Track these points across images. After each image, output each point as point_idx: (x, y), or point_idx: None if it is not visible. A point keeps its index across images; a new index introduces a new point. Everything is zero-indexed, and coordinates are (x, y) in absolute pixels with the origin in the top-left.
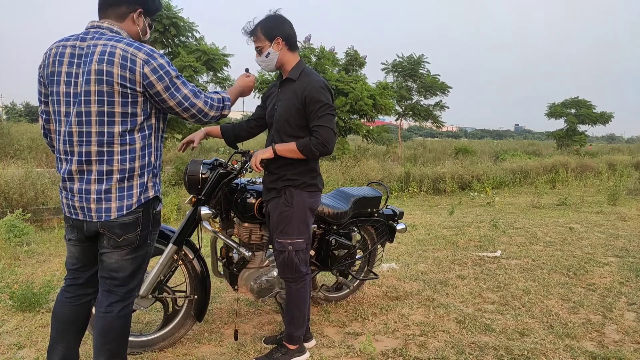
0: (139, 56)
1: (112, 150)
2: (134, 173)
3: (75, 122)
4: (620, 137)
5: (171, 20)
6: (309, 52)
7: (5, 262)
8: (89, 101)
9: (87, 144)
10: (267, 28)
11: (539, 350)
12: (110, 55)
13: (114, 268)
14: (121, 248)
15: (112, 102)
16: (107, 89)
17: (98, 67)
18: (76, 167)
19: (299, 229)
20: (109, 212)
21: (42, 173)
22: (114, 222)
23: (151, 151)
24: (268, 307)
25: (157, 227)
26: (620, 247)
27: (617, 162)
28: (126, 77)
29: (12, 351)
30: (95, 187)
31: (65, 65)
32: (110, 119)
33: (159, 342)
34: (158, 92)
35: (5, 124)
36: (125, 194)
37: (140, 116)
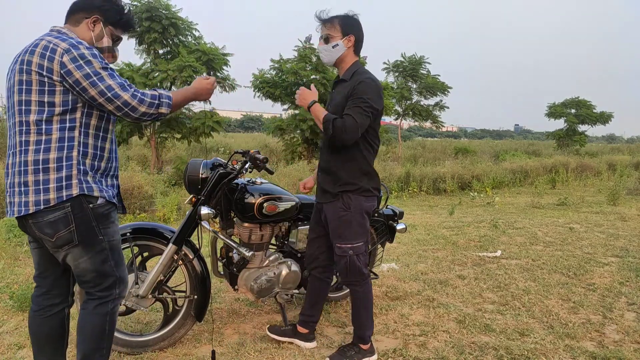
0: (60, 45)
1: (29, 140)
2: (48, 165)
3: (10, 114)
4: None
5: (170, 21)
6: (309, 52)
7: (5, 262)
8: (14, 91)
9: (12, 135)
10: (345, 23)
11: (539, 350)
12: (35, 46)
13: (77, 273)
14: (62, 249)
15: (30, 90)
16: (26, 77)
17: (22, 57)
18: (10, 159)
19: (357, 232)
20: (27, 205)
21: None
22: (42, 222)
23: (72, 145)
24: (268, 307)
25: (106, 222)
26: (620, 247)
27: (617, 162)
28: (44, 65)
29: (12, 351)
30: (17, 179)
31: (12, 63)
32: (27, 108)
33: (159, 342)
34: (77, 80)
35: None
36: (42, 187)
37: (58, 106)
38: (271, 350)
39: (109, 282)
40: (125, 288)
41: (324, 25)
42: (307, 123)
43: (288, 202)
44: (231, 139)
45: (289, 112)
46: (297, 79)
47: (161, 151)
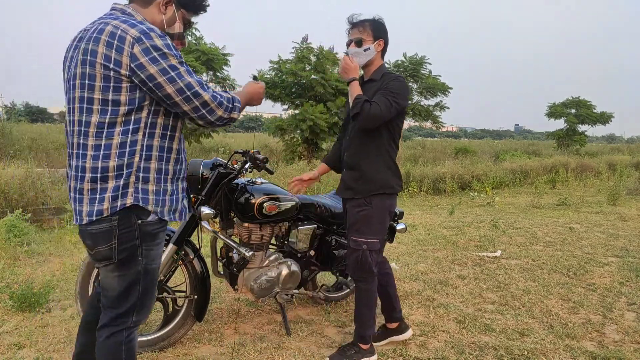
0: (130, 32)
1: (87, 143)
2: (107, 174)
3: (71, 109)
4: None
5: None
6: (307, 52)
7: (5, 262)
8: (75, 85)
9: (73, 134)
10: (376, 27)
11: (539, 350)
12: (99, 32)
13: (103, 285)
14: (100, 263)
15: (93, 86)
16: (90, 70)
17: (85, 46)
18: (69, 161)
19: (375, 229)
20: (81, 214)
21: (42, 173)
22: (85, 232)
23: (135, 150)
24: (268, 307)
25: (150, 243)
26: (620, 247)
27: (617, 162)
28: (111, 57)
29: (12, 351)
30: (73, 184)
31: (70, 50)
32: (89, 106)
33: (159, 342)
34: (151, 75)
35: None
36: (97, 197)
37: (123, 105)
38: (271, 350)
39: (125, 308)
40: (144, 316)
41: (356, 28)
42: (306, 123)
43: (288, 202)
44: (231, 139)
45: (289, 112)
46: (297, 79)
47: None
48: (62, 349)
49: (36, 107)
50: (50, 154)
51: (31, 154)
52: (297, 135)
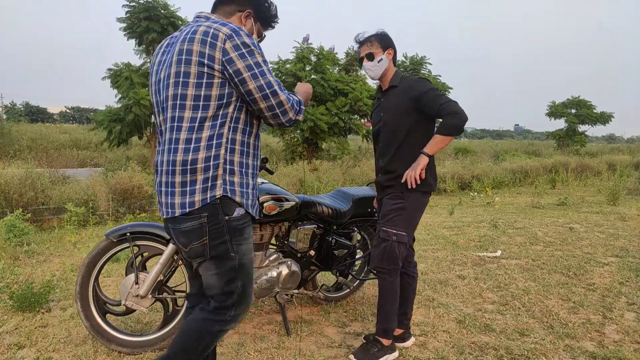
0: (222, 30)
1: (179, 137)
2: (196, 166)
3: (162, 110)
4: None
5: (169, 20)
6: (307, 52)
7: (5, 262)
8: (168, 85)
9: (166, 131)
10: (382, 39)
11: (539, 350)
12: (193, 33)
13: (205, 284)
14: (195, 260)
15: (187, 83)
16: (185, 69)
17: (179, 47)
18: (160, 157)
19: (406, 222)
20: (173, 207)
21: (42, 173)
22: (177, 230)
23: (221, 142)
24: (268, 307)
25: (239, 238)
26: (620, 247)
27: (617, 162)
28: (205, 52)
29: (12, 351)
30: (164, 178)
31: (159, 55)
32: (182, 102)
33: (159, 342)
34: (238, 70)
35: (5, 124)
36: (188, 189)
37: (214, 101)
38: (271, 350)
39: (228, 303)
40: (243, 310)
41: (364, 45)
42: (307, 123)
43: (288, 202)
44: None
45: None
46: (296, 80)
47: None
48: (62, 349)
49: (36, 107)
50: (50, 154)
51: (31, 154)
52: (297, 135)
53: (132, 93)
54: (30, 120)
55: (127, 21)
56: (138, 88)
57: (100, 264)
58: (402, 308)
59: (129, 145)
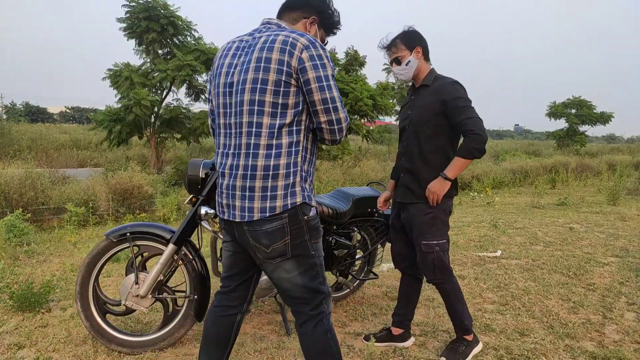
0: (300, 40)
1: (259, 143)
2: (278, 172)
3: (232, 113)
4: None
5: (169, 20)
6: None
7: (5, 262)
8: (244, 90)
9: (239, 135)
10: (407, 39)
11: (539, 350)
12: (272, 42)
13: (285, 288)
14: (274, 260)
15: (265, 90)
16: (263, 75)
17: (258, 55)
18: (229, 160)
19: (442, 230)
20: (251, 212)
21: (42, 173)
22: (259, 232)
23: (298, 150)
24: (268, 307)
25: (317, 236)
26: (620, 247)
27: (617, 162)
28: (284, 60)
29: (12, 351)
30: (240, 183)
31: (229, 57)
32: (260, 109)
33: (159, 342)
34: (308, 80)
35: (5, 124)
36: (269, 194)
37: (291, 108)
38: (271, 350)
39: (318, 300)
40: (331, 302)
41: (390, 50)
42: None
43: None
44: None
45: None
46: None
47: (161, 151)
48: (62, 349)
49: (36, 107)
50: (50, 154)
51: (31, 154)
52: None
53: (133, 93)
54: (30, 120)
55: (127, 21)
56: (138, 88)
57: (100, 264)
58: (403, 309)
59: (129, 145)
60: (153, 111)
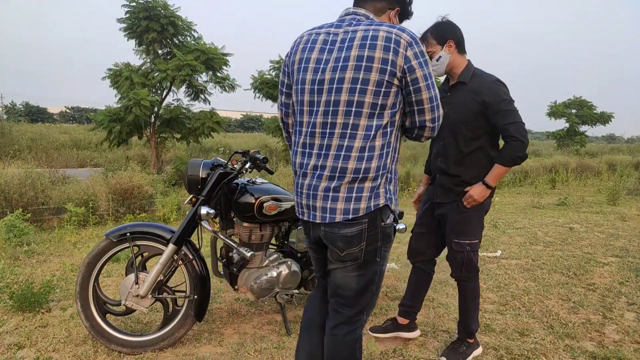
0: (403, 37)
1: (352, 145)
2: (368, 175)
3: (322, 112)
4: (620, 137)
5: (169, 19)
6: None
7: (5, 262)
8: (340, 89)
9: (329, 136)
10: (438, 32)
11: (539, 350)
12: (373, 39)
13: (338, 284)
14: (345, 263)
15: (365, 90)
16: (364, 75)
17: (359, 53)
18: (313, 161)
19: (476, 230)
20: (333, 213)
21: (42, 173)
22: (337, 235)
23: (389, 152)
24: (268, 307)
25: (388, 244)
26: (620, 247)
27: (617, 162)
28: (388, 59)
29: (12, 351)
30: (325, 184)
31: (315, 51)
32: (358, 110)
33: (159, 342)
34: (417, 78)
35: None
36: (354, 195)
37: (388, 109)
38: (271, 350)
39: (361, 307)
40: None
41: None
42: None
43: (288, 202)
44: (231, 139)
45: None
46: None
47: (161, 151)
48: (62, 349)
49: (36, 107)
50: (50, 154)
51: (31, 154)
52: None
53: (133, 93)
54: (30, 120)
55: (127, 21)
56: (138, 88)
57: (100, 264)
58: (411, 300)
59: (129, 146)
60: (153, 111)
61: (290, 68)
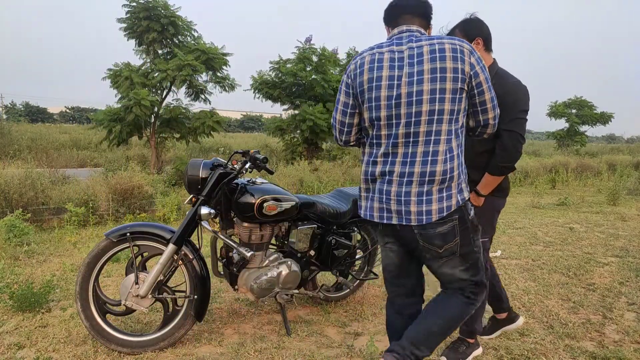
0: (465, 47)
1: (437, 149)
2: (453, 174)
3: (403, 123)
4: (620, 137)
5: (169, 19)
6: (309, 52)
7: (5, 262)
8: (421, 101)
9: (413, 144)
10: (467, 30)
11: (539, 350)
12: (441, 51)
13: (447, 280)
14: (444, 258)
15: (443, 99)
16: (440, 85)
17: (431, 66)
18: (399, 168)
19: (485, 229)
20: (429, 214)
21: (42, 173)
22: (433, 234)
23: (462, 150)
24: (268, 307)
25: (478, 234)
26: (620, 247)
27: (617, 162)
28: (458, 68)
29: (12, 351)
30: (417, 189)
31: (385, 69)
32: (439, 117)
33: (159, 342)
34: (480, 82)
35: (5, 124)
36: (445, 194)
37: (460, 112)
38: (271, 350)
39: (478, 289)
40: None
41: None
42: (306, 123)
43: (288, 202)
44: (231, 139)
45: (289, 112)
46: (296, 80)
47: (161, 151)
48: (62, 349)
49: (36, 107)
50: (50, 154)
51: (31, 154)
52: (297, 135)
53: (133, 93)
54: (30, 120)
55: (127, 21)
56: (138, 88)
57: (100, 264)
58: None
59: (129, 145)
60: (153, 111)
61: (358, 89)
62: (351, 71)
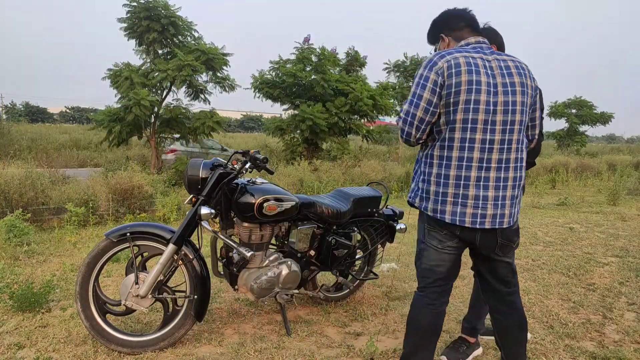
0: (526, 65)
1: (523, 157)
2: (523, 181)
3: (497, 130)
4: (620, 137)
5: (169, 19)
6: (308, 52)
7: (5, 262)
8: (515, 110)
9: (507, 151)
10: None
11: (539, 350)
12: (522, 68)
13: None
14: (510, 253)
15: (525, 111)
16: (524, 99)
17: (519, 80)
18: (494, 173)
19: None
20: (512, 216)
21: (42, 173)
22: (512, 231)
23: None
24: (268, 307)
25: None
26: (620, 247)
27: (617, 162)
28: (532, 85)
29: (12, 351)
30: (510, 192)
31: (482, 75)
32: (520, 127)
33: (159, 342)
34: (536, 100)
35: (5, 124)
36: (518, 199)
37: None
38: (271, 350)
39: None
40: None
41: None
42: (306, 123)
43: (288, 202)
44: (231, 139)
45: (289, 112)
46: (296, 80)
47: (161, 151)
48: (62, 349)
49: (36, 107)
50: (50, 154)
51: (31, 154)
52: (297, 135)
53: (133, 93)
54: (30, 120)
55: (128, 21)
56: (138, 88)
57: (100, 264)
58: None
59: (129, 145)
60: (153, 111)
61: (454, 88)
62: (444, 70)
